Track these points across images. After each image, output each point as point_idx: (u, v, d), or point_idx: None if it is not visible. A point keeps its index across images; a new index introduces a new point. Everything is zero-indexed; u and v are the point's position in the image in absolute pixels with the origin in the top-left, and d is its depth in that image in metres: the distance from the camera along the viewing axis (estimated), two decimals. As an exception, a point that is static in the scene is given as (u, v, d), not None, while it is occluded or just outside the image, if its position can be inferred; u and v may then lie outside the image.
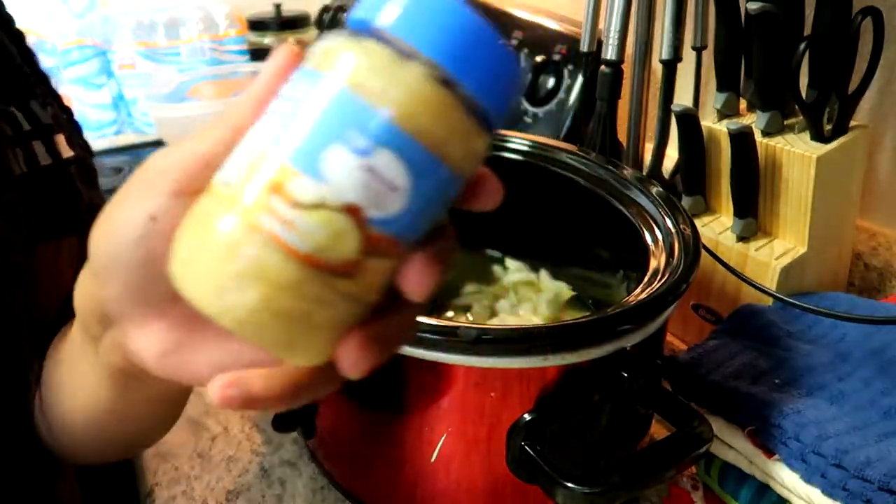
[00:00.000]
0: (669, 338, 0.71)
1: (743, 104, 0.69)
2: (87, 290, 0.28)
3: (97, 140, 1.35)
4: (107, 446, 0.39)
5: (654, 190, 0.57)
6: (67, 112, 0.46)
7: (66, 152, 0.43)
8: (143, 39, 1.30)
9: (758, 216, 0.65)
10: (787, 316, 0.61)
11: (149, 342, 0.26)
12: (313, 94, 0.21)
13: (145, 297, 0.25)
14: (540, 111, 0.87)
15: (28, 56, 0.46)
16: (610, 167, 0.61)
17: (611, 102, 0.73)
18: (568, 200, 0.63)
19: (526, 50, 0.90)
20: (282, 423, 0.53)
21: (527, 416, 0.44)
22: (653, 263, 0.50)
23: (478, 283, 0.67)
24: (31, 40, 0.47)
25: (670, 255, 0.50)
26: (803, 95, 0.61)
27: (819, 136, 0.62)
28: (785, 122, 0.64)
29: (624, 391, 0.45)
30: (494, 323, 0.62)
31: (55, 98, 0.45)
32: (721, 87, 0.67)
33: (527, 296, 0.65)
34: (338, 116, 0.21)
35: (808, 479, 0.46)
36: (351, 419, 0.51)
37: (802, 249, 0.63)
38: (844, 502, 0.44)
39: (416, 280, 0.23)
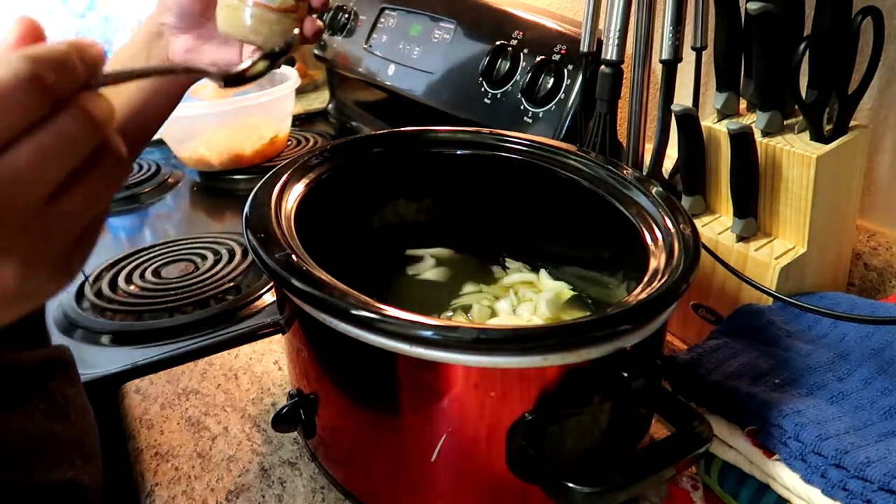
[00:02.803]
0: (669, 338, 0.71)
1: (743, 104, 0.69)
2: (152, 20, 0.59)
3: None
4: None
5: (654, 190, 0.57)
6: None
7: None
8: (143, 39, 1.30)
9: (758, 216, 0.65)
10: (787, 316, 0.61)
11: (181, 43, 0.59)
12: None
13: (186, 20, 0.58)
14: (540, 111, 0.87)
15: None
16: (610, 167, 0.61)
17: (611, 102, 0.73)
18: (568, 200, 0.63)
19: (526, 50, 0.90)
20: (282, 423, 0.53)
21: (527, 416, 0.44)
22: (653, 263, 0.50)
23: (478, 283, 0.67)
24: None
25: (670, 255, 0.50)
26: (803, 95, 0.61)
27: (819, 136, 0.62)
28: (785, 122, 0.64)
29: (624, 391, 0.45)
30: (494, 323, 0.62)
31: None
32: (721, 87, 0.67)
33: (527, 296, 0.65)
34: None
35: (808, 479, 0.46)
36: (351, 419, 0.51)
37: (802, 249, 0.63)
38: (844, 502, 0.44)
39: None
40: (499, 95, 0.92)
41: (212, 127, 1.12)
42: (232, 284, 0.83)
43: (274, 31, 0.52)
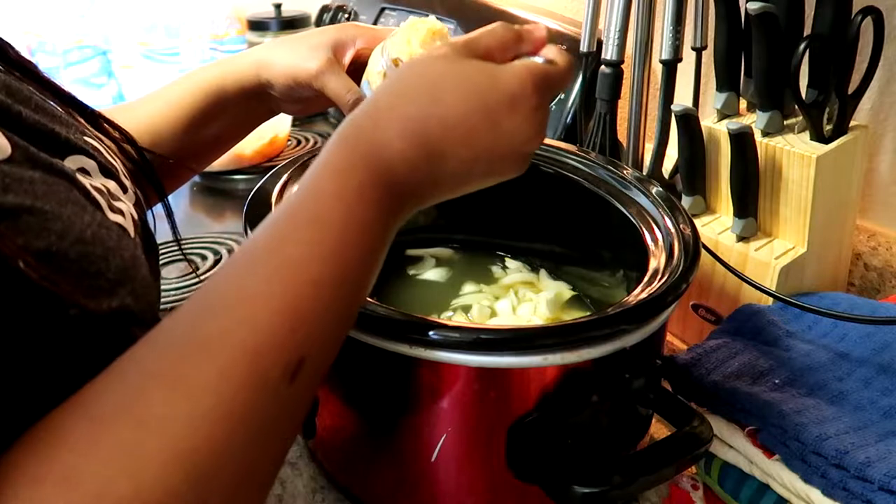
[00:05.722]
0: (669, 338, 0.71)
1: (743, 104, 0.69)
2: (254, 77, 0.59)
3: (97, 140, 1.35)
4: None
5: (654, 190, 0.57)
6: None
7: None
8: (143, 39, 1.30)
9: (758, 216, 0.65)
10: (787, 316, 0.61)
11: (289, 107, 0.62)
12: None
13: (291, 99, 0.60)
14: (540, 111, 0.87)
15: None
16: (610, 167, 0.61)
17: (611, 102, 0.73)
18: (568, 200, 0.63)
19: (526, 50, 0.90)
20: (282, 423, 0.53)
21: (527, 416, 0.44)
22: (653, 263, 0.50)
23: (478, 283, 0.67)
24: (31, 40, 0.46)
25: (670, 255, 0.50)
26: (803, 95, 0.61)
27: (819, 137, 0.62)
28: (785, 122, 0.64)
29: (624, 391, 0.45)
30: (494, 323, 0.62)
31: None
32: (721, 87, 0.67)
33: (527, 296, 0.65)
34: None
35: (807, 480, 0.46)
36: (351, 419, 0.51)
37: (802, 249, 0.63)
38: (844, 502, 0.44)
39: None
40: (499, 95, 0.92)
41: (212, 127, 1.11)
42: (232, 284, 0.83)
43: None
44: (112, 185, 0.40)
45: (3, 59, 0.41)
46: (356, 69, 0.58)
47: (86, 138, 0.41)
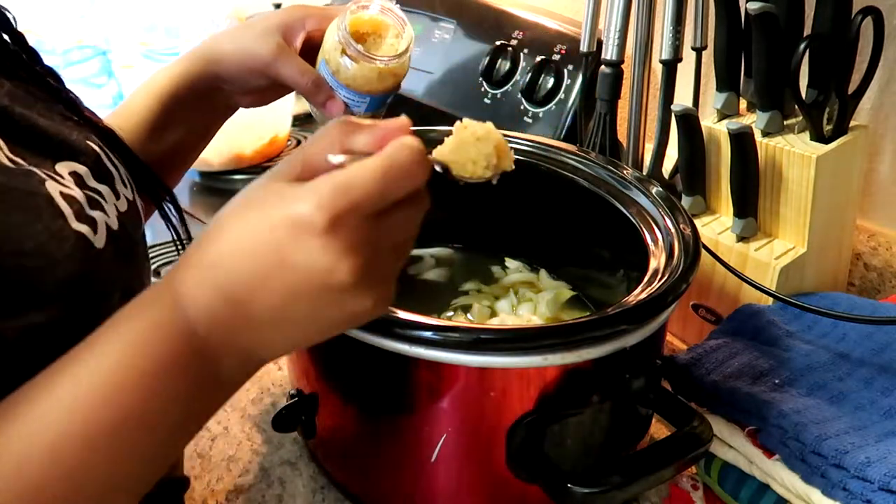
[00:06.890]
0: (669, 338, 0.71)
1: (743, 104, 0.69)
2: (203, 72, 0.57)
3: (97, 140, 1.35)
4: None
5: (654, 190, 0.57)
6: None
7: None
8: (143, 39, 1.30)
9: (758, 216, 0.65)
10: (787, 316, 0.61)
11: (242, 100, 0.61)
12: None
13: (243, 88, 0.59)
14: (540, 111, 0.87)
15: None
16: (610, 167, 0.61)
17: (611, 102, 0.73)
18: (568, 200, 0.63)
19: (526, 50, 0.90)
20: (282, 423, 0.53)
21: (527, 417, 0.44)
22: (653, 263, 0.50)
23: (478, 283, 0.67)
24: (31, 40, 0.46)
25: (670, 255, 0.50)
26: (803, 95, 0.61)
27: (819, 137, 0.62)
28: (785, 122, 0.64)
29: (624, 391, 0.45)
30: (494, 323, 0.62)
31: None
32: (721, 87, 0.67)
33: (527, 296, 0.65)
34: None
35: (807, 480, 0.46)
36: (351, 419, 0.51)
37: (802, 249, 0.63)
38: (844, 502, 0.44)
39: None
40: (499, 95, 0.92)
41: (212, 127, 1.11)
42: (232, 284, 0.83)
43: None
44: (105, 189, 0.39)
45: (25, 67, 0.41)
46: (308, 51, 0.55)
47: (88, 142, 0.41)
